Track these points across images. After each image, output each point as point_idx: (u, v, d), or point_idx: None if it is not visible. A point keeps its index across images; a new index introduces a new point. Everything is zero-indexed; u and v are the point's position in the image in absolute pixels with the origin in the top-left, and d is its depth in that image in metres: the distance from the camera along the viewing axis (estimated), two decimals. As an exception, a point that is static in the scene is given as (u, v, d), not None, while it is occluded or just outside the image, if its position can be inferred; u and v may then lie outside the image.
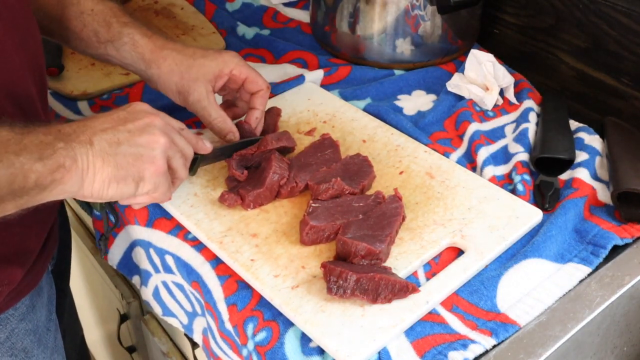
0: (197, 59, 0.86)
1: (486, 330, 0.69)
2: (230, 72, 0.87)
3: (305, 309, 0.70)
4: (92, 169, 0.64)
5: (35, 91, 0.75)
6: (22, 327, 0.80)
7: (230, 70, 0.87)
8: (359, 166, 0.85)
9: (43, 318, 0.84)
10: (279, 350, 0.69)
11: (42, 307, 0.84)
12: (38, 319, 0.83)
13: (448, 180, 0.86)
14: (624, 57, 0.96)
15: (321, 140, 0.90)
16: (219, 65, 0.87)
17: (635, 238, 0.80)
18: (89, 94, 1.08)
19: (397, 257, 0.75)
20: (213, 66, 0.86)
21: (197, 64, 0.86)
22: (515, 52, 1.13)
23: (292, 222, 0.81)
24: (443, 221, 0.80)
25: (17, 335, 0.79)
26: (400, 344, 0.68)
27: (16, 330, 0.79)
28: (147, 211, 0.86)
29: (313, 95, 1.03)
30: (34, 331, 0.82)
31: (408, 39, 1.10)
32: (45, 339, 0.85)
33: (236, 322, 0.74)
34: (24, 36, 0.73)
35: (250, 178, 0.84)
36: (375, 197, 0.81)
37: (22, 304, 0.79)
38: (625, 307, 0.77)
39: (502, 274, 0.75)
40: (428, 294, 0.71)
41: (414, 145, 0.92)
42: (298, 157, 0.87)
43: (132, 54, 0.87)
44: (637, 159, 0.86)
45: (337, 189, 0.81)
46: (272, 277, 0.74)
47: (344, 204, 0.80)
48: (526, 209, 0.81)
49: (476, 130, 0.95)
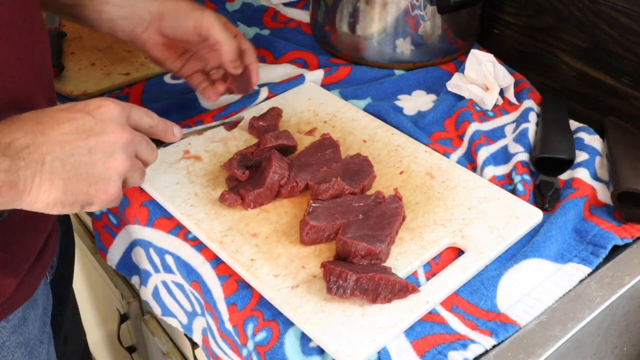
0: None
1: (486, 330, 0.69)
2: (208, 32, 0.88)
3: (305, 308, 0.70)
4: (35, 192, 0.58)
5: (42, 99, 0.73)
6: (13, 340, 0.78)
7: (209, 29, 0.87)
8: (359, 166, 0.85)
9: (36, 330, 0.82)
10: (278, 350, 0.69)
11: (36, 319, 0.82)
12: (30, 332, 0.80)
13: (448, 180, 0.86)
14: (624, 57, 0.96)
15: (321, 140, 0.90)
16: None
17: (635, 238, 0.80)
18: (89, 94, 1.08)
19: (397, 257, 0.75)
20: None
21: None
22: (515, 52, 1.13)
23: (292, 221, 0.81)
24: (443, 221, 0.80)
25: (7, 348, 0.77)
26: (400, 344, 0.68)
27: (7, 344, 0.77)
28: (148, 211, 0.86)
29: (313, 95, 1.03)
30: (25, 344, 0.80)
31: (408, 39, 1.10)
32: (38, 351, 0.83)
33: (236, 322, 0.74)
34: (29, 42, 0.70)
35: (251, 178, 0.84)
36: (376, 197, 0.81)
37: (14, 316, 0.77)
38: (625, 307, 0.77)
39: (502, 274, 0.75)
40: (428, 294, 0.71)
41: (415, 145, 0.92)
42: (298, 157, 0.87)
43: None
44: (637, 159, 0.86)
45: (337, 189, 0.81)
46: (272, 276, 0.74)
47: (344, 204, 0.80)
48: (526, 209, 0.81)
49: (476, 130, 0.95)
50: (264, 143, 0.87)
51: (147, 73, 1.13)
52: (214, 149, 0.92)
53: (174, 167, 0.89)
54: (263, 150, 0.87)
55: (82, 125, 0.61)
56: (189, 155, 0.91)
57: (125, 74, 1.12)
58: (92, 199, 0.62)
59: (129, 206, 0.88)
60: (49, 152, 0.58)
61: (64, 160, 0.59)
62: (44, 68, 0.74)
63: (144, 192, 0.87)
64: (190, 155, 0.91)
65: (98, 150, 0.61)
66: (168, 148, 0.92)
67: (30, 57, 0.70)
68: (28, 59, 0.70)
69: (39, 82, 0.73)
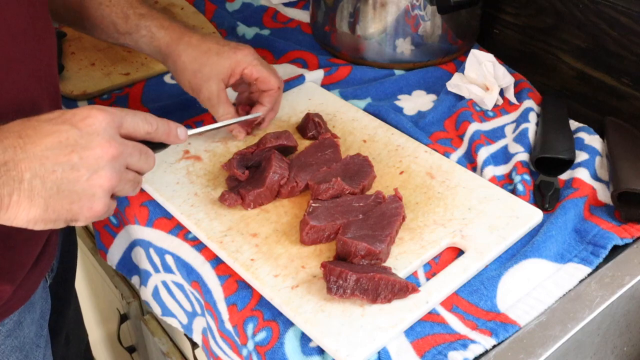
0: (211, 56, 0.87)
1: (486, 330, 0.69)
2: (242, 71, 0.88)
3: (305, 308, 0.70)
4: (14, 210, 0.56)
5: (46, 104, 0.71)
6: (8, 344, 0.77)
7: (243, 70, 0.88)
8: (359, 166, 0.85)
9: (32, 334, 0.81)
10: (278, 350, 0.69)
11: (32, 323, 0.81)
12: (26, 335, 0.80)
13: (448, 180, 0.86)
14: (624, 57, 0.96)
15: (321, 140, 0.90)
16: (232, 64, 0.87)
17: (635, 238, 0.80)
18: (89, 94, 1.08)
19: (397, 257, 0.75)
20: (226, 65, 0.87)
21: (210, 62, 0.86)
22: (515, 52, 1.13)
23: (292, 222, 0.81)
24: (443, 221, 0.80)
25: (2, 352, 0.77)
26: (400, 344, 0.68)
27: (2, 347, 0.77)
28: (148, 211, 0.86)
29: (314, 95, 1.03)
30: (20, 348, 0.79)
31: (408, 39, 1.10)
32: (34, 355, 0.82)
33: (236, 322, 0.74)
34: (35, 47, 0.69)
35: (251, 178, 0.84)
36: (376, 197, 0.81)
37: (10, 320, 0.76)
38: (625, 307, 0.77)
39: (502, 274, 0.75)
40: (428, 294, 0.71)
41: (415, 145, 0.92)
42: (298, 157, 0.87)
43: (150, 47, 0.88)
44: (637, 159, 0.86)
45: (337, 189, 0.81)
46: (272, 276, 0.74)
47: (344, 203, 0.80)
48: (526, 209, 0.81)
49: (476, 130, 0.95)
50: (263, 143, 0.87)
51: (147, 73, 1.13)
52: (213, 149, 0.92)
53: (174, 167, 0.89)
54: (263, 150, 0.87)
55: (66, 139, 0.57)
56: (189, 155, 0.91)
57: (125, 74, 1.12)
58: (76, 216, 0.59)
59: (129, 206, 0.88)
60: (28, 169, 0.55)
61: (44, 177, 0.56)
62: (50, 75, 0.73)
63: (144, 192, 0.87)
64: (190, 155, 0.91)
65: (81, 167, 0.57)
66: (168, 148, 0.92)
67: (36, 63, 0.70)
68: (34, 64, 0.69)
69: (43, 87, 0.72)
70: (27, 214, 0.56)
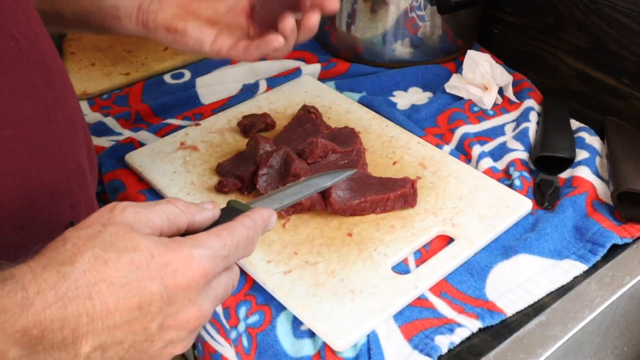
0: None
1: (473, 314, 0.70)
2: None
3: (297, 293, 0.71)
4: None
5: (85, 160, 0.62)
6: None
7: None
8: (346, 136, 0.89)
9: None
10: (270, 332, 0.70)
11: None
12: None
13: (440, 170, 0.87)
14: (624, 57, 0.96)
15: (297, 117, 0.94)
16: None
17: (635, 238, 0.79)
18: (89, 94, 1.08)
19: (388, 244, 0.76)
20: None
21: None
22: (515, 52, 1.13)
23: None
24: (434, 210, 0.81)
25: None
26: (388, 328, 0.69)
27: None
28: (145, 198, 0.87)
29: (310, 88, 1.05)
30: None
31: (408, 39, 1.10)
32: None
33: (229, 305, 0.75)
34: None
35: (239, 162, 0.86)
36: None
37: None
38: (625, 307, 0.77)
39: (492, 267, 0.75)
40: (417, 280, 0.72)
41: (408, 137, 0.93)
42: (280, 136, 0.90)
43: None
44: (637, 159, 0.85)
45: (321, 148, 0.85)
46: (265, 262, 0.75)
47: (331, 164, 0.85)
48: (516, 199, 0.82)
49: (466, 132, 0.95)
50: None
51: (147, 73, 1.13)
52: (210, 140, 0.94)
53: (171, 157, 0.90)
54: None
55: (149, 303, 0.42)
56: (186, 146, 0.92)
57: (125, 74, 1.13)
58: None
59: (125, 192, 0.89)
60: (90, 341, 0.41)
61: (105, 348, 0.42)
62: (76, 112, 0.62)
63: (142, 181, 0.89)
64: (187, 146, 0.92)
65: (157, 338, 0.44)
66: (165, 138, 0.94)
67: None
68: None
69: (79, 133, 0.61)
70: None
